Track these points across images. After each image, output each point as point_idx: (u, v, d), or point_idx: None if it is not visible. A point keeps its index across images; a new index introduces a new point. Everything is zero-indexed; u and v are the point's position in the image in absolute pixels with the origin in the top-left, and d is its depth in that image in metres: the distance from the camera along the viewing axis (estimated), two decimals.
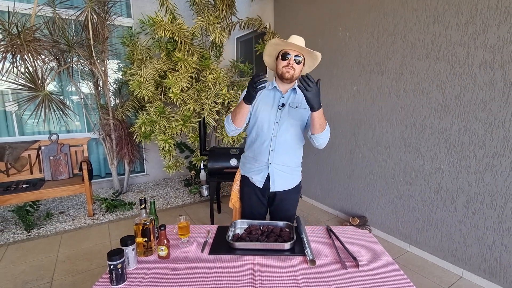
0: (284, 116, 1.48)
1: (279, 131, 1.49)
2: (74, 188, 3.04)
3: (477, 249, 2.00)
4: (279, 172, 1.54)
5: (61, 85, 3.62)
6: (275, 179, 1.54)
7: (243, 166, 1.68)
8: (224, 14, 3.60)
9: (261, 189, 1.58)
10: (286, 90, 1.52)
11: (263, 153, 1.52)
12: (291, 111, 1.49)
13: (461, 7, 1.96)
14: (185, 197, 3.71)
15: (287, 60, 1.44)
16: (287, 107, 1.49)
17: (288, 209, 1.64)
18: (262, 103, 1.52)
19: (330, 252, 1.29)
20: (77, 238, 2.66)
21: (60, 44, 2.88)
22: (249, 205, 1.65)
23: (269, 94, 1.53)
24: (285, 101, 1.50)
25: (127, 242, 1.13)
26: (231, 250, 1.28)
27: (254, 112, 1.53)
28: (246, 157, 1.65)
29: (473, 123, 1.96)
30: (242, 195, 1.69)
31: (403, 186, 2.46)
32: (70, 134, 3.75)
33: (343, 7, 2.82)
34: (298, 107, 1.50)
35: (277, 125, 1.48)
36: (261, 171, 1.55)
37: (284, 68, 1.44)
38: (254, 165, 1.58)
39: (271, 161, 1.52)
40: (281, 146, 1.50)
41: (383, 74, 2.52)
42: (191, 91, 3.40)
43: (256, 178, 1.57)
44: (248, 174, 1.62)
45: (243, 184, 1.67)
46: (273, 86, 1.53)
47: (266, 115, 1.49)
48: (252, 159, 1.58)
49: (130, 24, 3.88)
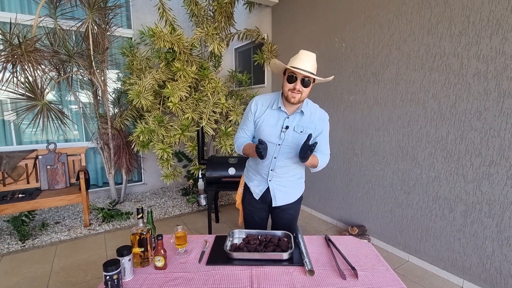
0: (287, 139, 1.41)
1: (280, 154, 1.44)
2: (70, 198, 3.01)
3: (477, 258, 1.99)
4: (279, 187, 1.53)
5: (60, 95, 3.64)
6: (276, 195, 1.53)
7: (246, 172, 1.67)
8: (222, 25, 3.67)
9: (260, 199, 1.57)
10: (292, 112, 1.42)
11: (263, 170, 1.51)
12: (295, 136, 1.41)
13: (454, 19, 2.01)
14: (183, 206, 3.68)
15: (293, 84, 1.32)
16: (292, 131, 1.41)
17: (289, 219, 1.63)
18: (265, 122, 1.44)
19: (328, 262, 1.27)
20: (72, 249, 2.62)
21: (60, 54, 2.91)
22: (249, 210, 1.64)
23: (273, 114, 1.44)
24: (290, 123, 1.41)
25: (123, 253, 1.11)
26: (229, 260, 1.27)
27: (258, 131, 1.47)
28: (250, 165, 1.64)
29: (469, 132, 1.98)
30: (244, 199, 1.68)
31: (401, 195, 2.46)
32: (68, 143, 3.75)
33: (339, 19, 2.88)
34: (303, 132, 1.42)
35: (279, 147, 1.43)
36: (261, 185, 1.54)
37: (290, 92, 1.33)
38: (255, 177, 1.57)
39: (271, 178, 1.51)
40: (281, 167, 1.48)
41: (379, 84, 2.55)
42: (190, 101, 3.43)
43: (254, 189, 1.57)
44: (248, 183, 1.61)
45: (245, 190, 1.66)
46: (277, 107, 1.42)
47: (267, 135, 1.42)
48: (254, 170, 1.57)
49: (130, 35, 3.94)
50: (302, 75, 1.31)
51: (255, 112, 1.48)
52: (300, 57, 1.34)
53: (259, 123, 1.46)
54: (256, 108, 1.48)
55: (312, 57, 1.35)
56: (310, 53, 1.35)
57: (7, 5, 3.23)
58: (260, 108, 1.47)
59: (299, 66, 1.31)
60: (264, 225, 1.65)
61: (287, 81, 1.35)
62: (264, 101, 1.48)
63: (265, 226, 1.66)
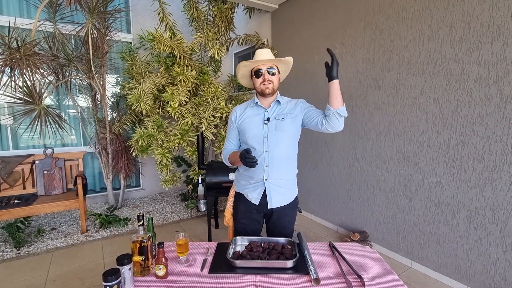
0: (271, 130, 1.47)
1: (270, 146, 1.47)
2: (67, 204, 2.96)
3: (481, 265, 1.97)
4: (275, 187, 1.51)
5: (58, 99, 3.61)
6: (272, 196, 1.50)
7: (237, 182, 1.65)
8: (222, 30, 3.67)
9: (257, 206, 1.53)
10: (269, 104, 1.52)
11: (258, 170, 1.48)
12: (278, 124, 1.48)
13: (455, 25, 2.02)
14: (182, 212, 3.63)
15: (261, 77, 1.46)
16: (273, 120, 1.48)
17: (286, 226, 1.60)
18: (247, 121, 1.52)
19: (334, 270, 1.25)
20: (69, 256, 2.56)
21: (59, 58, 2.89)
22: (243, 223, 1.59)
23: (253, 111, 1.54)
24: (270, 115, 1.50)
25: (123, 261, 1.08)
26: (232, 268, 1.23)
27: (243, 131, 1.53)
28: (240, 174, 1.61)
29: (471, 137, 1.98)
30: (237, 212, 1.63)
31: (403, 201, 2.44)
32: (66, 148, 3.70)
33: (339, 24, 2.89)
34: (284, 118, 1.49)
35: (266, 140, 1.47)
36: (257, 188, 1.52)
37: (262, 85, 1.46)
38: (249, 182, 1.54)
39: (267, 177, 1.49)
40: (275, 160, 1.48)
41: (380, 89, 2.55)
42: (190, 105, 3.41)
43: (252, 195, 1.53)
44: (243, 191, 1.58)
45: (238, 201, 1.63)
46: (254, 103, 1.53)
47: (253, 132, 1.49)
48: (247, 176, 1.55)
49: (130, 39, 3.93)
50: (266, 65, 1.45)
51: (236, 118, 1.57)
52: (257, 54, 1.49)
53: (242, 125, 1.53)
54: (236, 114, 1.58)
55: (267, 51, 1.49)
56: (265, 49, 1.50)
57: (5, 9, 3.21)
58: (239, 112, 1.57)
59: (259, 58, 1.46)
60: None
61: (255, 77, 1.48)
62: (241, 106, 1.61)
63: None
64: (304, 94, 3.35)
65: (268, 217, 1.59)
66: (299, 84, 3.43)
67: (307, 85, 3.34)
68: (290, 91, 3.51)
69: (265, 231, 1.67)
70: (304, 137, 3.36)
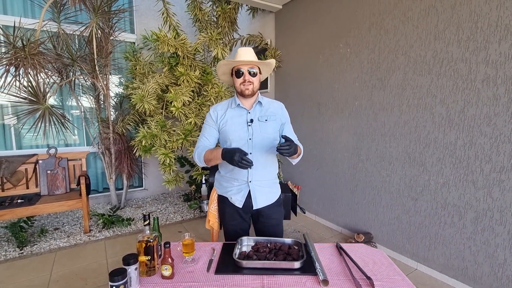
0: (256, 131, 1.44)
1: (254, 148, 1.44)
2: (70, 204, 2.95)
3: (489, 267, 1.94)
4: (259, 188, 1.49)
5: (62, 99, 3.61)
6: (256, 196, 1.49)
7: (219, 185, 1.60)
8: (226, 30, 3.67)
9: (242, 208, 1.51)
10: (251, 105, 1.48)
11: (242, 172, 1.46)
12: (261, 125, 1.46)
13: (462, 25, 2.00)
14: (185, 212, 3.62)
15: (242, 77, 1.41)
16: (257, 121, 1.46)
17: (275, 225, 1.58)
18: (229, 123, 1.47)
19: (342, 271, 1.23)
20: (71, 256, 2.55)
21: (63, 58, 2.89)
22: (232, 224, 1.56)
23: (235, 113, 1.48)
24: (253, 116, 1.46)
25: (129, 261, 1.06)
26: (238, 269, 1.22)
27: (225, 133, 1.47)
28: (222, 176, 1.57)
29: (478, 137, 1.96)
30: (223, 215, 1.59)
31: (408, 202, 2.42)
32: (69, 148, 3.70)
33: (344, 25, 2.88)
34: (268, 120, 1.47)
35: (251, 142, 1.44)
36: (241, 190, 1.49)
37: (242, 85, 1.42)
38: (232, 184, 1.51)
39: (251, 178, 1.47)
40: (259, 161, 1.45)
41: (385, 90, 2.54)
42: (193, 105, 3.40)
43: (236, 197, 1.50)
44: (226, 194, 1.54)
45: (223, 204, 1.58)
46: (236, 104, 1.48)
47: (236, 134, 1.44)
48: (230, 178, 1.51)
49: (133, 39, 3.93)
50: (247, 66, 1.40)
51: (216, 117, 1.51)
52: (239, 54, 1.43)
53: (223, 126, 1.48)
54: (215, 113, 1.51)
55: (250, 50, 1.44)
56: (247, 48, 1.45)
57: (10, 9, 3.21)
58: (219, 112, 1.51)
59: (240, 59, 1.40)
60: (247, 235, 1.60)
61: (236, 77, 1.43)
62: (221, 106, 1.54)
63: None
64: (308, 95, 3.34)
65: (255, 217, 1.58)
66: (302, 85, 3.42)
67: (310, 86, 3.33)
68: (293, 92, 3.50)
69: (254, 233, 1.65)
70: (307, 137, 3.36)
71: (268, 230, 1.57)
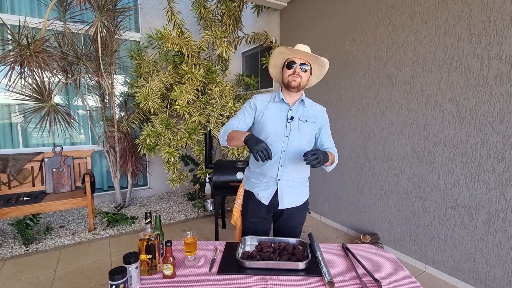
0: (294, 129, 1.42)
1: (289, 146, 1.41)
2: (75, 201, 2.96)
3: (501, 270, 1.87)
4: (288, 188, 1.46)
5: (68, 98, 3.63)
6: (283, 196, 1.45)
7: (247, 180, 1.58)
8: (230, 28, 3.64)
9: (267, 206, 1.48)
10: (294, 102, 1.46)
11: (272, 169, 1.43)
12: (301, 125, 1.43)
13: (473, 19, 1.94)
14: (189, 211, 3.61)
15: (292, 69, 1.39)
16: (297, 120, 1.43)
17: (295, 226, 1.55)
18: (269, 116, 1.44)
19: (348, 272, 1.19)
20: (76, 254, 2.56)
21: (68, 56, 2.90)
22: (252, 222, 1.54)
23: (276, 107, 1.46)
24: (294, 114, 1.44)
25: (130, 260, 1.04)
26: (241, 269, 1.19)
27: (261, 125, 1.44)
28: (252, 171, 1.55)
29: (490, 136, 1.89)
30: (246, 210, 1.57)
31: (417, 202, 2.35)
32: (74, 146, 3.72)
33: (350, 21, 2.83)
34: (308, 121, 1.45)
35: (287, 139, 1.41)
36: (269, 187, 1.46)
37: (290, 76, 1.39)
38: (261, 180, 1.48)
39: (280, 176, 1.43)
40: (291, 161, 1.42)
41: (393, 87, 2.48)
42: (197, 104, 3.38)
43: (262, 194, 1.47)
44: (253, 189, 1.52)
45: (247, 199, 1.56)
46: (280, 99, 1.45)
47: (274, 128, 1.42)
48: (259, 174, 1.49)
49: (138, 38, 3.93)
50: (301, 60, 1.39)
51: (256, 107, 1.47)
52: (297, 46, 1.41)
53: (262, 118, 1.45)
54: (256, 104, 1.48)
55: (307, 47, 1.42)
56: (305, 45, 1.42)
57: (17, 8, 3.24)
58: (261, 104, 1.48)
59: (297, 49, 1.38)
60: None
61: (287, 68, 1.41)
62: (264, 97, 1.50)
63: None
64: (313, 93, 3.29)
65: (277, 216, 1.54)
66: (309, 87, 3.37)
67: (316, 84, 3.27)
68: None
69: (272, 229, 1.62)
70: None
71: (286, 230, 1.54)
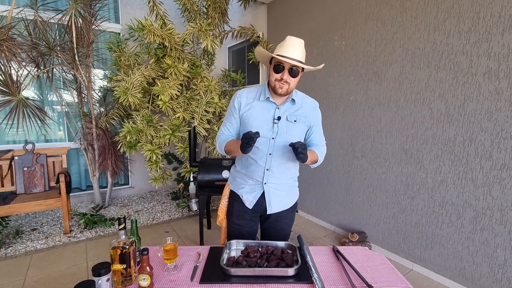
0: (281, 131, 1.29)
1: (275, 149, 1.29)
2: (49, 203, 2.76)
3: (487, 268, 1.88)
4: (275, 191, 1.36)
5: (42, 93, 3.38)
6: (271, 200, 1.36)
7: (232, 180, 1.47)
8: (216, 22, 3.51)
9: (252, 209, 1.38)
10: (282, 102, 1.31)
11: (257, 172, 1.33)
12: (289, 126, 1.30)
13: (463, 15, 1.91)
14: (172, 211, 3.47)
15: (280, 74, 1.21)
16: (284, 121, 1.30)
17: (284, 228, 1.46)
18: (254, 116, 1.30)
19: (340, 278, 1.12)
20: (49, 259, 2.38)
21: (40, 46, 2.68)
22: (237, 224, 1.43)
23: (262, 106, 1.31)
24: (281, 114, 1.30)
25: (100, 272, 0.93)
26: (226, 277, 1.09)
27: (245, 126, 1.32)
28: (237, 171, 1.44)
29: (478, 133, 1.88)
30: (231, 212, 1.46)
31: (404, 200, 2.34)
32: (48, 143, 3.48)
33: (339, 16, 2.77)
34: (297, 121, 1.31)
35: (273, 141, 1.29)
36: (254, 190, 1.35)
37: (277, 82, 1.23)
38: (246, 182, 1.38)
39: (266, 180, 1.33)
40: (278, 165, 1.32)
41: (382, 84, 2.44)
42: (181, 99, 3.24)
43: (247, 197, 1.37)
44: (238, 191, 1.41)
45: (233, 199, 1.46)
46: (265, 97, 1.30)
47: (258, 129, 1.26)
48: (245, 175, 1.38)
49: (118, 30, 3.72)
50: (290, 64, 1.19)
51: (240, 106, 1.34)
52: (287, 44, 1.21)
53: (246, 117, 1.32)
54: (240, 102, 1.34)
55: (300, 43, 1.23)
56: (297, 40, 1.23)
57: None
58: (245, 101, 1.34)
59: (286, 55, 1.19)
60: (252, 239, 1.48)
61: (273, 71, 1.23)
62: (249, 93, 1.36)
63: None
64: (300, 89, 3.22)
65: (264, 218, 1.45)
66: None
67: (304, 80, 3.21)
68: None
69: (259, 231, 1.54)
70: None
71: (274, 233, 1.45)
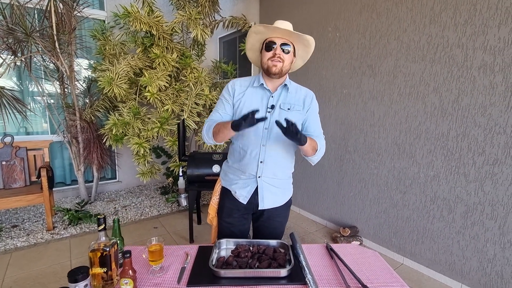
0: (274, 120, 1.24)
1: (269, 139, 1.24)
2: (30, 198, 2.63)
3: (477, 262, 1.89)
4: (269, 186, 1.30)
5: (22, 83, 3.20)
6: (264, 195, 1.30)
7: (224, 176, 1.41)
8: (207, 10, 3.37)
9: (245, 205, 1.33)
10: (276, 88, 1.27)
11: (251, 165, 1.26)
12: (282, 114, 1.24)
13: (459, 7, 1.87)
14: (161, 206, 3.38)
15: (272, 51, 1.19)
16: (278, 109, 1.25)
17: (277, 227, 1.41)
18: (247, 104, 1.25)
19: (334, 278, 1.08)
20: (30, 257, 2.27)
21: (16, 32, 2.51)
22: (228, 222, 1.38)
23: (256, 93, 1.27)
24: (275, 102, 1.26)
25: (76, 277, 0.85)
26: (215, 279, 1.04)
27: (238, 114, 1.26)
28: (230, 166, 1.38)
29: (472, 128, 1.86)
30: (222, 210, 1.40)
31: (396, 195, 2.33)
32: (29, 136, 3.32)
33: (333, 7, 2.69)
34: (291, 109, 1.26)
35: (266, 132, 1.24)
36: (248, 185, 1.30)
37: (270, 60, 1.20)
38: (239, 177, 1.32)
39: (261, 174, 1.27)
40: (272, 157, 1.26)
41: (376, 77, 2.40)
42: (170, 91, 3.13)
43: (240, 192, 1.31)
44: (230, 187, 1.35)
45: (224, 197, 1.40)
46: (259, 84, 1.26)
47: None
48: (238, 170, 1.32)
49: (103, 17, 3.54)
50: (282, 39, 1.20)
51: (234, 93, 1.29)
52: (276, 24, 1.22)
53: (240, 105, 1.26)
54: (234, 88, 1.30)
55: (288, 24, 1.23)
56: (286, 21, 1.23)
57: None
58: (239, 89, 1.30)
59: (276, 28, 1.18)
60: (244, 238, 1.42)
61: (265, 50, 1.22)
62: (243, 81, 1.33)
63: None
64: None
65: (257, 216, 1.40)
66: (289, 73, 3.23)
67: (296, 72, 3.14)
68: None
69: (251, 229, 1.48)
70: None
71: (267, 231, 1.39)
